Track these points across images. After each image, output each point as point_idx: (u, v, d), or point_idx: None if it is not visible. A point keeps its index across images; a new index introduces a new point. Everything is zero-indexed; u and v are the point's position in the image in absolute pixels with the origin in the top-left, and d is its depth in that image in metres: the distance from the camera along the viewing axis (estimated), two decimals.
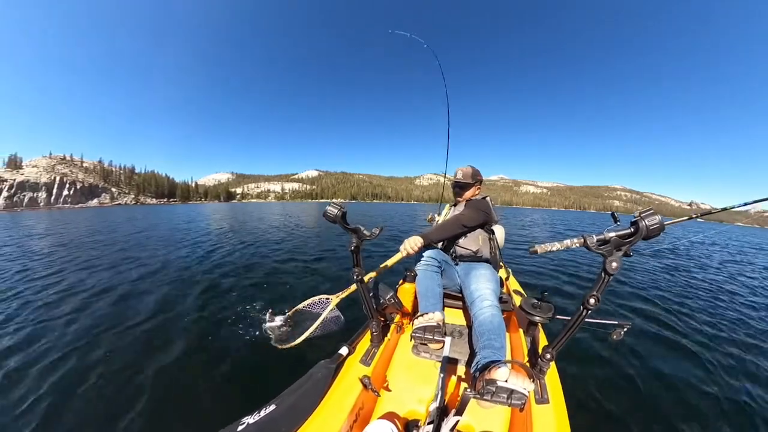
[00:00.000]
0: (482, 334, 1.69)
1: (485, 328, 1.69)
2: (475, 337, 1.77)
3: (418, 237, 1.88)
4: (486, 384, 1.24)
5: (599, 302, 1.24)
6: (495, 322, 1.71)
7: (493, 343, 1.60)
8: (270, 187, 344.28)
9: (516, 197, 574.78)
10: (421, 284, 2.06)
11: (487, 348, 1.58)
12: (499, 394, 1.22)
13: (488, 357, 1.50)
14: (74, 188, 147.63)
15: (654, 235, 1.14)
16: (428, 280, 2.06)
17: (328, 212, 1.57)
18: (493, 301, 1.82)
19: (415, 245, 1.84)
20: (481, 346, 1.64)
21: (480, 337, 1.70)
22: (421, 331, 1.74)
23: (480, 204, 2.39)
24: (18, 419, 2.18)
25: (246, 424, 1.20)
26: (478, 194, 2.61)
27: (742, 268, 8.52)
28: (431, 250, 2.23)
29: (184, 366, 2.88)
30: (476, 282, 1.94)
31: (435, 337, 1.71)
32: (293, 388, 1.39)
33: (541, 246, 1.36)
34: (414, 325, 1.79)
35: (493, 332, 1.65)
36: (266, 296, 4.62)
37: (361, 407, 1.41)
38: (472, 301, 1.88)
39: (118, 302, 4.40)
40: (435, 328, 1.74)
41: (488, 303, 1.80)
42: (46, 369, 2.74)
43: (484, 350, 1.58)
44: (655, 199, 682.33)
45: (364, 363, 1.64)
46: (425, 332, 1.73)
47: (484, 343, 1.63)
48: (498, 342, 1.61)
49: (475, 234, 2.34)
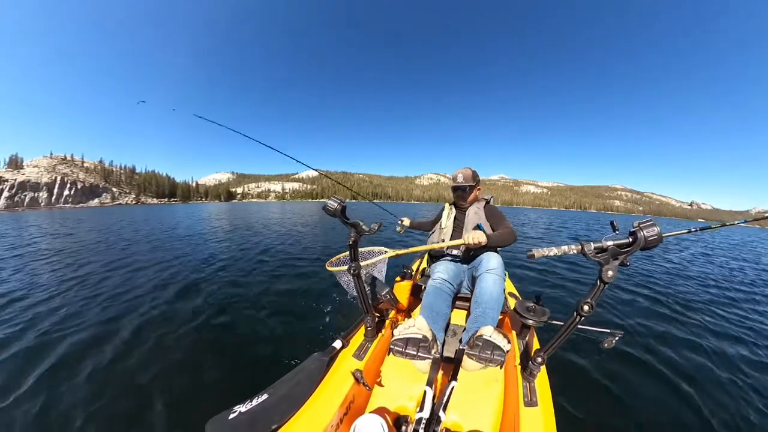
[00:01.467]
0: (480, 303, 1.76)
1: (485, 297, 1.77)
2: (473, 304, 1.82)
3: (483, 235, 1.93)
4: (475, 339, 1.43)
5: (593, 309, 1.25)
6: (495, 292, 1.78)
7: (489, 313, 1.72)
8: (270, 187, 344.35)
9: (516, 197, 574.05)
10: (428, 297, 1.95)
11: (482, 317, 1.70)
12: (485, 349, 1.38)
13: (482, 322, 1.66)
14: (75, 188, 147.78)
15: (652, 246, 1.13)
16: (437, 298, 1.93)
17: (329, 206, 1.57)
18: (499, 274, 1.87)
19: (478, 241, 1.92)
20: (477, 314, 1.72)
21: (477, 307, 1.76)
22: (401, 344, 1.47)
23: (499, 213, 2.42)
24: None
25: (238, 413, 1.21)
26: (480, 195, 2.59)
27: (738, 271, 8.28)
28: (448, 265, 2.14)
29: (177, 353, 2.93)
30: (487, 258, 1.99)
31: (419, 353, 1.45)
32: (286, 378, 1.40)
33: (539, 250, 1.35)
34: (393, 335, 1.53)
35: (490, 303, 1.75)
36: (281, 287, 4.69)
37: (352, 401, 1.42)
38: (479, 266, 1.98)
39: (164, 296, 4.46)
40: (420, 342, 1.47)
41: (492, 269, 1.88)
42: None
43: (479, 318, 1.70)
44: (656, 199, 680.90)
45: (357, 357, 1.65)
46: (407, 345, 1.46)
47: (479, 313, 1.72)
48: (493, 313, 1.72)
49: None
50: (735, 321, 4.27)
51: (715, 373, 2.93)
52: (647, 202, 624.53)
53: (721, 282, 6.62)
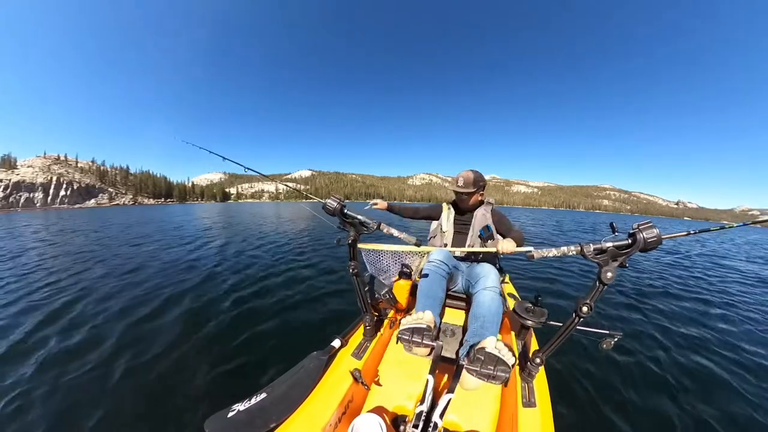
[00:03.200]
0: (478, 317, 1.72)
1: (483, 311, 1.73)
2: (471, 319, 1.78)
3: (513, 243, 1.95)
4: (476, 353, 1.36)
5: (592, 311, 1.24)
6: (493, 307, 1.74)
7: (488, 326, 1.66)
8: (264, 187, 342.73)
9: (507, 197, 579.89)
10: (424, 283, 1.98)
11: (481, 330, 1.66)
12: (487, 364, 1.30)
13: (482, 335, 1.59)
14: (71, 188, 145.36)
15: (651, 248, 1.14)
16: (433, 282, 1.97)
17: (329, 205, 1.59)
18: (496, 288, 1.85)
19: (511, 250, 1.93)
20: (475, 328, 1.68)
21: (475, 320, 1.72)
22: (408, 333, 1.55)
23: (506, 217, 2.44)
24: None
25: (237, 411, 1.22)
26: (483, 198, 2.53)
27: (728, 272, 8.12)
28: (440, 253, 2.15)
29: (175, 352, 2.97)
30: (483, 271, 1.98)
31: (423, 341, 1.52)
32: (284, 377, 1.41)
33: (538, 252, 1.35)
34: (402, 325, 1.59)
35: (489, 317, 1.70)
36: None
37: (351, 400, 1.41)
38: (476, 283, 1.94)
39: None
40: (425, 331, 1.54)
41: (491, 287, 1.84)
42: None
43: (478, 332, 1.65)
44: (644, 199, 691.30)
45: (355, 356, 1.63)
46: (413, 334, 1.54)
47: (478, 326, 1.68)
48: (492, 327, 1.67)
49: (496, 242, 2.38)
50: (737, 322, 4.28)
51: (716, 373, 2.94)
52: (635, 201, 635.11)
53: (718, 284, 6.50)
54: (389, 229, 1.70)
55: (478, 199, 2.46)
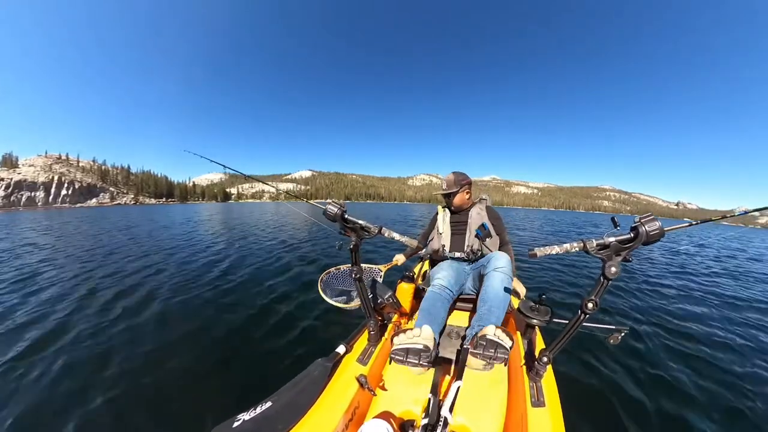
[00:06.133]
0: (485, 301, 1.77)
1: (491, 296, 1.78)
2: (480, 302, 1.81)
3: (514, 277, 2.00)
4: (479, 339, 1.48)
5: (597, 306, 1.24)
6: (502, 291, 1.78)
7: (494, 311, 1.72)
8: (264, 188, 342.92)
9: (507, 197, 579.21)
10: (427, 301, 1.97)
11: (487, 315, 1.72)
12: (488, 348, 1.44)
13: (487, 320, 1.68)
14: (73, 188, 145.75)
15: (654, 240, 1.14)
16: (436, 302, 1.95)
17: (329, 211, 1.59)
18: (507, 272, 1.87)
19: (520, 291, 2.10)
20: (482, 312, 1.73)
21: (483, 304, 1.76)
22: (402, 353, 1.51)
23: (500, 218, 2.50)
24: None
25: (242, 421, 1.20)
26: (469, 197, 2.56)
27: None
28: (449, 270, 2.19)
29: (179, 361, 2.91)
30: (496, 257, 1.98)
31: (420, 362, 1.49)
32: (290, 385, 1.40)
33: (541, 249, 1.33)
34: (394, 344, 1.55)
35: (496, 301, 1.75)
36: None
37: (357, 406, 1.41)
38: (488, 264, 1.98)
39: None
40: (421, 351, 1.48)
41: (500, 268, 1.87)
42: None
43: (484, 317, 1.71)
44: (643, 199, 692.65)
45: (360, 362, 1.63)
46: (408, 355, 1.50)
47: (485, 311, 1.73)
48: (498, 312, 1.72)
49: (495, 240, 2.40)
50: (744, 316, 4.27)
51: (727, 365, 2.91)
52: (635, 202, 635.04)
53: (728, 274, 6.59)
54: (390, 233, 1.68)
55: (465, 198, 2.51)
